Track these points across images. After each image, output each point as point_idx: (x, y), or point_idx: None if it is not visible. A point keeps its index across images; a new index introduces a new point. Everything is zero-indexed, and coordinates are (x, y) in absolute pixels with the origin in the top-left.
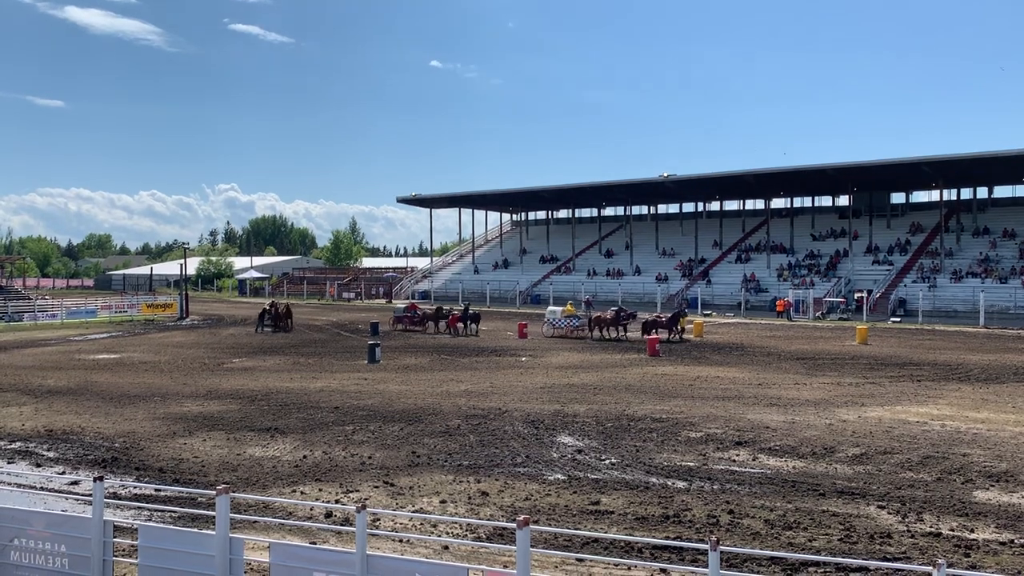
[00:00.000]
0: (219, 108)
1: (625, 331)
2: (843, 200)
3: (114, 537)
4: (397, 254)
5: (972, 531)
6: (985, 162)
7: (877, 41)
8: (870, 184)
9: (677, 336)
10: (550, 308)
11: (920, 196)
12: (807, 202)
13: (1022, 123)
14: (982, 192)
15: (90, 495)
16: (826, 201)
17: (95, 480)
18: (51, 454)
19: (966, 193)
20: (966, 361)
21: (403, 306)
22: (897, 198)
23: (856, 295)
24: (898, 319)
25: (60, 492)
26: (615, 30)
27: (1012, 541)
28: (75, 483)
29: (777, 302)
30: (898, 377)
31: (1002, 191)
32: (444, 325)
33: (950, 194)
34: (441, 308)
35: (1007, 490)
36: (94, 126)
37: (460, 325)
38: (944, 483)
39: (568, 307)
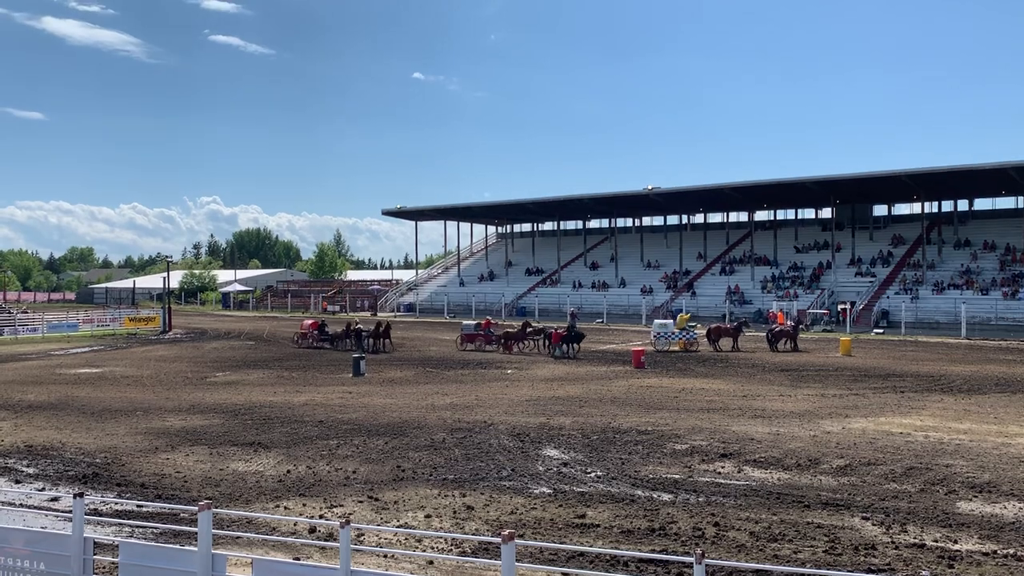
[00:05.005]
0: (200, 120)
1: (736, 343)
2: (826, 212)
3: (94, 554)
4: (382, 267)
5: (955, 542)
6: (965, 175)
7: (861, 56)
8: (852, 197)
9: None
10: (658, 322)
11: (902, 208)
12: (790, 214)
13: (1002, 136)
14: (963, 204)
15: (70, 512)
16: (809, 213)
17: (75, 496)
18: (31, 470)
19: (947, 205)
20: (948, 372)
21: (473, 323)
22: (879, 210)
23: (839, 307)
24: (881, 330)
25: (40, 509)
26: (599, 43)
27: (995, 552)
28: (55, 499)
29: (777, 315)
30: (881, 388)
31: (982, 203)
32: (539, 343)
33: (931, 207)
34: (528, 324)
35: (990, 500)
36: (74, 138)
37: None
38: (927, 494)
39: (682, 317)
